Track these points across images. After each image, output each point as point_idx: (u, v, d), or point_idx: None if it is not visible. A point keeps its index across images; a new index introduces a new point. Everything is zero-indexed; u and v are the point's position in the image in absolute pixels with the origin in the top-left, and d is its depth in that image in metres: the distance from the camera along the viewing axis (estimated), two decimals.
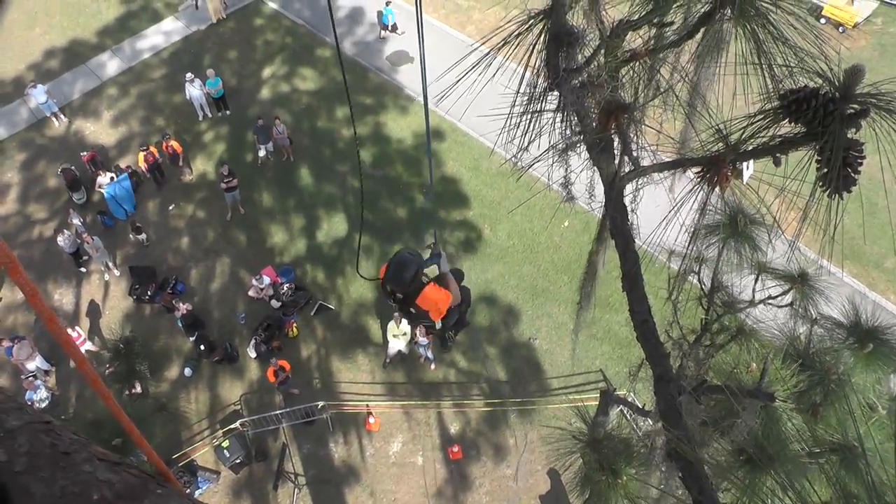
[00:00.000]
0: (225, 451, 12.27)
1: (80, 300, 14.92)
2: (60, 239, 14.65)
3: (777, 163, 2.30)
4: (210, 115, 18.06)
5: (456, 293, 5.48)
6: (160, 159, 16.41)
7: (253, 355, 13.65)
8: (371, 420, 12.82)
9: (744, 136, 2.37)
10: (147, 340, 11.06)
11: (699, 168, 2.60)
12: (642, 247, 3.49)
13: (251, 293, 14.43)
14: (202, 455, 12.72)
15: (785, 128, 2.27)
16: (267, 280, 14.34)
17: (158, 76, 19.30)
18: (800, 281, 4.01)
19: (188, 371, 13.59)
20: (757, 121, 2.30)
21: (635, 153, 3.17)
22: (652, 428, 4.75)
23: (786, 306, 4.09)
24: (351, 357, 13.87)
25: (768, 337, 4.27)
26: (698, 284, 4.28)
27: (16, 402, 1.30)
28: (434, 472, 12.47)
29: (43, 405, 12.59)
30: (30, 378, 12.77)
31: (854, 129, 2.06)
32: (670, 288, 4.03)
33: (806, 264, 3.99)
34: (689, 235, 3.22)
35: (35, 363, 13.19)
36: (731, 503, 3.16)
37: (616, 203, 3.37)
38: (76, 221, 15.23)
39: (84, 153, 16.51)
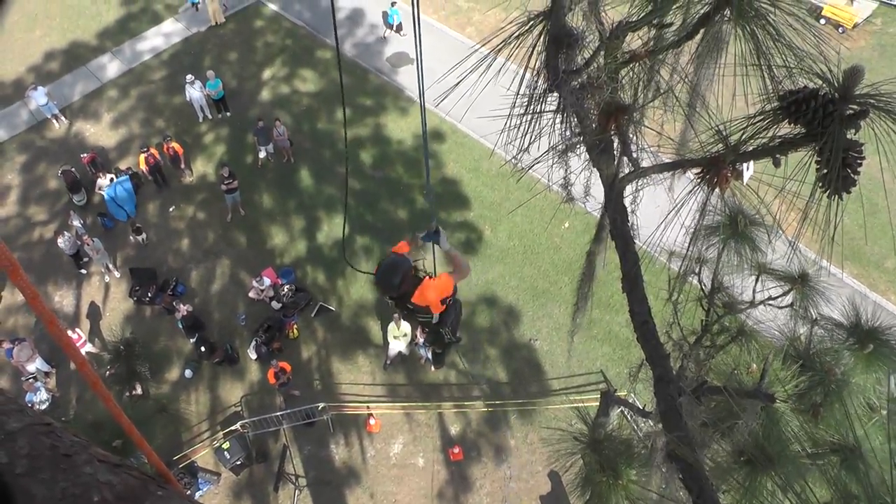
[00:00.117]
0: (225, 453, 12.26)
1: (81, 302, 14.92)
2: (61, 241, 14.65)
3: (777, 163, 2.31)
4: (210, 117, 18.06)
5: (463, 265, 5.35)
6: (161, 161, 16.42)
7: (253, 357, 13.65)
8: (372, 421, 12.82)
9: (743, 137, 2.37)
10: (147, 342, 11.09)
11: (699, 169, 2.60)
12: (642, 248, 3.48)
13: (252, 294, 14.43)
14: (203, 456, 12.71)
15: (784, 128, 2.27)
16: (267, 281, 14.35)
17: (158, 78, 19.31)
18: (800, 282, 4.01)
19: (189, 372, 13.59)
20: (756, 122, 2.30)
21: (635, 154, 3.17)
22: (652, 429, 4.75)
23: (786, 307, 4.09)
24: (351, 358, 13.87)
25: (768, 338, 4.27)
26: (698, 285, 4.29)
27: (16, 404, 1.30)
28: (435, 474, 12.45)
29: (43, 407, 12.59)
30: (30, 380, 12.78)
31: (853, 130, 2.06)
32: (670, 289, 4.03)
33: (806, 265, 3.99)
34: (689, 236, 3.22)
35: (35, 365, 13.19)
36: None
37: (616, 204, 3.37)
38: (76, 223, 15.23)
39: (84, 155, 16.52)
